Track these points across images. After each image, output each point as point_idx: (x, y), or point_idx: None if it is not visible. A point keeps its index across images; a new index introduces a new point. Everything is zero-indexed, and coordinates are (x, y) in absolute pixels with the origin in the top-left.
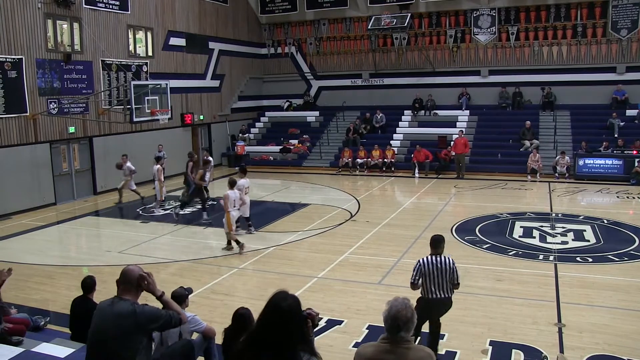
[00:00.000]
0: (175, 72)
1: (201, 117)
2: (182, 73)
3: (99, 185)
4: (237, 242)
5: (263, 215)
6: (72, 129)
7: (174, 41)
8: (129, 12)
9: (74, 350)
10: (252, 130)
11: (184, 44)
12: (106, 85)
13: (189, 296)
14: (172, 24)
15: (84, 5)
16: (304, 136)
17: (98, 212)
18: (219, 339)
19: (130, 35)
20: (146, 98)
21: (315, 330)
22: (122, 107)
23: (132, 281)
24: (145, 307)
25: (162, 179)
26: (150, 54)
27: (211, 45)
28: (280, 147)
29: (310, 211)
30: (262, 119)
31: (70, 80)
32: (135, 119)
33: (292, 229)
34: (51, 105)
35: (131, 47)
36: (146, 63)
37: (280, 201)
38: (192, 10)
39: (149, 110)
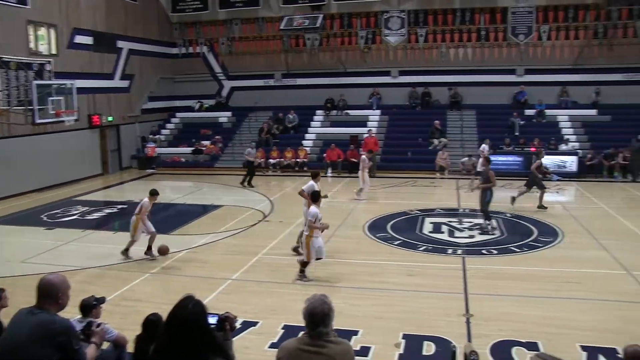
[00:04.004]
0: (81, 71)
1: (110, 118)
2: (89, 73)
3: None
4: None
5: (174, 218)
6: None
7: (79, 39)
8: (29, 7)
9: None
10: (163, 131)
11: (91, 42)
12: (4, 85)
13: (102, 305)
14: (78, 21)
15: None
16: (216, 137)
17: None
18: (130, 347)
19: (31, 32)
20: (50, 98)
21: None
22: (23, 107)
23: (53, 293)
24: (65, 319)
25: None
26: (54, 52)
27: (120, 44)
28: (192, 148)
29: (223, 213)
30: (173, 120)
31: None
32: (38, 120)
33: (205, 231)
34: None
35: (32, 44)
36: (49, 62)
37: (192, 203)
38: (98, 7)
39: (54, 112)
